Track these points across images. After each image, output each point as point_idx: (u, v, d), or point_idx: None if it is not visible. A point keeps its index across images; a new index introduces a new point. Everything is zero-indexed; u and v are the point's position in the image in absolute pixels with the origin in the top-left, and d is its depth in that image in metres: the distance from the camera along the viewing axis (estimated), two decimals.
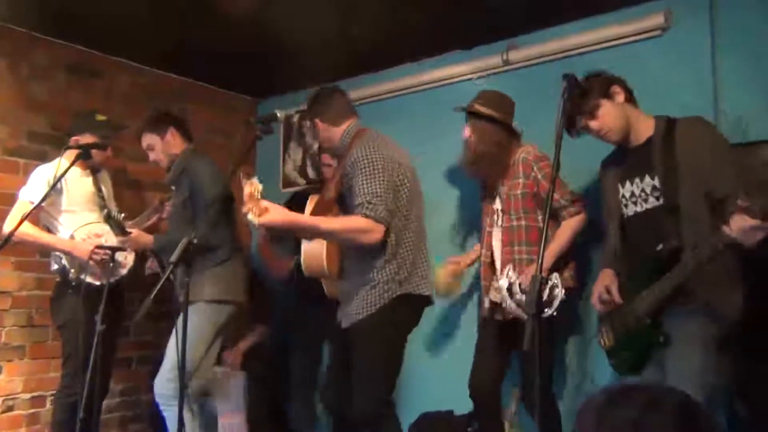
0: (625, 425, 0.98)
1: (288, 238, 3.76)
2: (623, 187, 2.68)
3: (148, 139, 3.46)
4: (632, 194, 2.63)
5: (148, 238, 3.33)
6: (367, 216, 2.57)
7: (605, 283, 2.69)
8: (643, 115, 2.65)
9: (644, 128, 2.62)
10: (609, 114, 2.60)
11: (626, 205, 2.67)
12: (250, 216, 2.32)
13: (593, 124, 2.62)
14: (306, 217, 2.78)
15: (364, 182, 2.63)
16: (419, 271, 2.83)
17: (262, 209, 2.35)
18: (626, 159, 2.69)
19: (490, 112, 3.18)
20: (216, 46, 4.11)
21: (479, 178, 3.38)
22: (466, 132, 3.23)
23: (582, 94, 2.57)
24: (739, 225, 2.07)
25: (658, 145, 2.54)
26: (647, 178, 2.56)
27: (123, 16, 3.68)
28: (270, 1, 3.48)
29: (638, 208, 2.62)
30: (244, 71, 4.65)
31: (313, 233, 2.78)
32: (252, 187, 2.32)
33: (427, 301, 2.91)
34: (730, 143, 2.61)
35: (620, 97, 2.62)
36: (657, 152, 2.53)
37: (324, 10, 3.62)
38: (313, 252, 3.06)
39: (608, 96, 2.61)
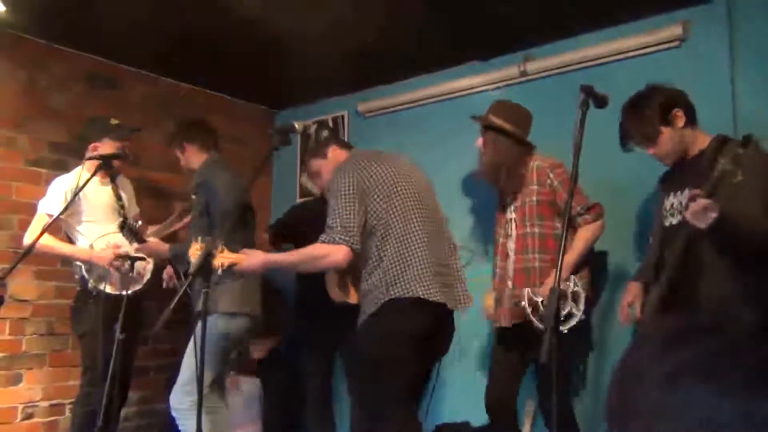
0: None
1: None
2: (667, 198, 2.71)
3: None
4: (672, 206, 2.65)
5: (164, 248, 3.35)
6: (323, 241, 2.69)
7: (628, 299, 2.72)
8: (702, 135, 2.62)
9: (700, 145, 2.60)
10: (667, 142, 2.59)
11: (665, 217, 2.69)
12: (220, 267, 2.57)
13: (651, 150, 2.64)
14: (275, 255, 3.07)
15: (331, 207, 2.76)
16: (409, 273, 2.70)
17: (232, 259, 2.60)
18: (677, 172, 2.70)
19: (505, 125, 3.16)
20: (234, 56, 4.15)
21: (495, 185, 3.35)
22: (479, 141, 3.23)
23: (642, 116, 2.56)
24: (690, 211, 2.21)
25: (705, 160, 2.50)
26: (687, 191, 2.54)
27: (140, 26, 3.72)
28: (288, 12, 3.50)
29: (674, 220, 2.63)
30: (261, 82, 4.68)
31: (283, 268, 3.15)
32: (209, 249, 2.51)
33: (425, 303, 2.68)
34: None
35: (681, 122, 2.58)
36: (703, 167, 2.48)
37: (341, 22, 3.64)
38: (328, 281, 3.39)
39: (669, 123, 2.57)
